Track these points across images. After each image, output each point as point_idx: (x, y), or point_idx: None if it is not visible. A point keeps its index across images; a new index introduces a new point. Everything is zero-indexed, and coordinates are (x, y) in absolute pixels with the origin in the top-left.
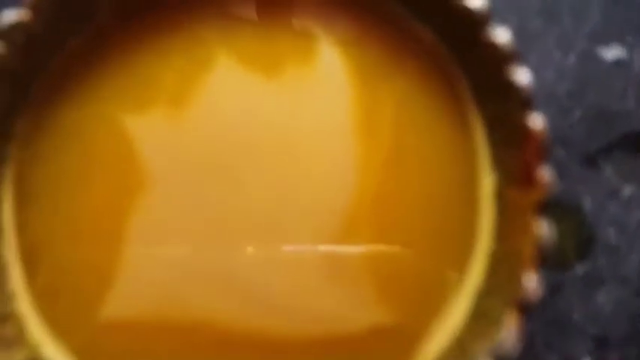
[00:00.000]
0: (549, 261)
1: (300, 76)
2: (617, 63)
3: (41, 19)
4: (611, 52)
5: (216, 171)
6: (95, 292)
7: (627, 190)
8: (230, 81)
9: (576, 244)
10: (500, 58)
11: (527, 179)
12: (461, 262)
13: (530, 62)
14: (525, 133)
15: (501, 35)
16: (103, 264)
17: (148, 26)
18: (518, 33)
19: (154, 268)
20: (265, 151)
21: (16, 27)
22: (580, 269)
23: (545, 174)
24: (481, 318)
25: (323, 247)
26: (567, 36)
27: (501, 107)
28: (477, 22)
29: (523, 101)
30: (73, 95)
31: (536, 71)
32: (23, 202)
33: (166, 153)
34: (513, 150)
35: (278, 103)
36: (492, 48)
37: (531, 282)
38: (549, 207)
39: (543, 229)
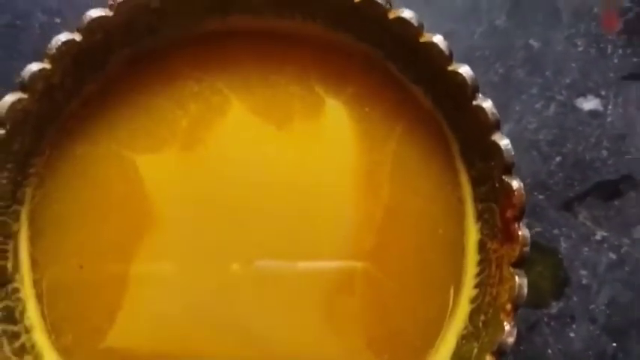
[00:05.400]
0: (527, 299)
1: (307, 132)
2: (593, 113)
3: (60, 69)
4: (588, 103)
5: (222, 213)
6: (100, 324)
7: (599, 235)
8: (242, 129)
9: (552, 284)
10: (486, 124)
11: (506, 235)
12: (450, 309)
13: (514, 110)
14: (506, 193)
15: (486, 104)
16: (107, 298)
17: (161, 74)
18: (504, 82)
19: (157, 303)
20: (271, 199)
21: (37, 77)
22: (555, 307)
23: (523, 232)
24: None
25: (319, 291)
26: (549, 87)
27: (485, 167)
28: (466, 90)
29: (505, 164)
30: (87, 137)
31: (520, 119)
32: (34, 240)
33: (176, 195)
34: (495, 205)
35: (286, 154)
36: (479, 115)
37: (506, 330)
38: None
39: (519, 281)
